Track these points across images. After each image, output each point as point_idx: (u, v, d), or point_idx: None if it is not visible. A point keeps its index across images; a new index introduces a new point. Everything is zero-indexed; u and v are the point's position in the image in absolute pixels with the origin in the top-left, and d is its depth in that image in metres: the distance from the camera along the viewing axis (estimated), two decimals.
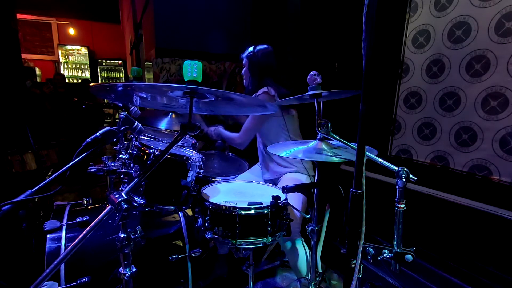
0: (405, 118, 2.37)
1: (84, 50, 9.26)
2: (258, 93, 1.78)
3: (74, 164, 0.88)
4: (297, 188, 1.31)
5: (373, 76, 0.73)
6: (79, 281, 1.21)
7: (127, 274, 0.98)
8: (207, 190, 1.42)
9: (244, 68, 1.96)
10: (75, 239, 0.79)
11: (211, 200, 1.26)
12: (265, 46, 1.90)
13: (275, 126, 1.83)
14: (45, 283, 1.05)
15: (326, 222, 1.77)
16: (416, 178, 0.94)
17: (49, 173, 2.63)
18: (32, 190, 0.83)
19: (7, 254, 1.84)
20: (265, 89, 1.76)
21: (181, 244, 1.50)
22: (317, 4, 2.95)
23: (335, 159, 1.17)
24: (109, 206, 0.86)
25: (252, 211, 1.20)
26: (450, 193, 2.05)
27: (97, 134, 0.97)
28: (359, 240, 0.79)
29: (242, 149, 1.91)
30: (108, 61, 9.51)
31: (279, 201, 1.23)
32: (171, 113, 1.94)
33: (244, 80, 1.99)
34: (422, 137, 2.26)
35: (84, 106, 4.40)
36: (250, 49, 1.90)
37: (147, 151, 1.18)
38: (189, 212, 1.63)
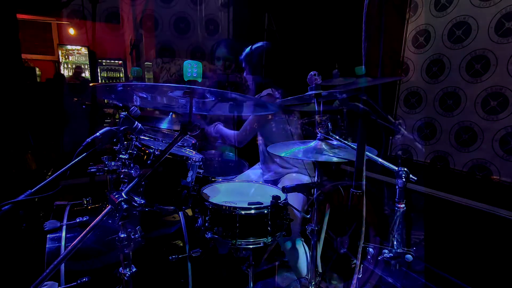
0: (405, 118, 2.37)
1: (84, 50, 9.26)
2: (261, 94, 1.76)
3: (74, 164, 0.88)
4: (297, 188, 1.31)
5: (373, 76, 0.73)
6: (79, 281, 1.21)
7: (127, 274, 0.98)
8: (207, 190, 1.42)
9: (245, 71, 1.94)
10: (75, 239, 0.79)
11: (211, 200, 1.26)
12: (261, 43, 1.86)
13: (279, 128, 1.81)
14: (45, 283, 1.05)
15: (326, 222, 1.76)
16: (416, 178, 0.94)
17: (49, 173, 2.63)
18: (32, 190, 0.83)
19: (7, 254, 1.83)
20: (269, 91, 1.75)
21: (181, 244, 1.50)
22: (317, 4, 2.94)
23: (335, 159, 1.17)
24: (109, 206, 0.86)
25: (252, 211, 1.20)
26: (450, 193, 2.05)
27: (97, 134, 0.97)
28: (359, 240, 0.79)
29: (240, 147, 1.90)
30: (108, 61, 9.51)
31: (279, 201, 1.23)
32: (171, 113, 1.93)
33: (248, 82, 1.98)
34: (422, 137, 2.25)
35: (84, 106, 4.40)
36: (247, 49, 1.87)
37: (147, 151, 1.18)
38: (189, 212, 1.63)
